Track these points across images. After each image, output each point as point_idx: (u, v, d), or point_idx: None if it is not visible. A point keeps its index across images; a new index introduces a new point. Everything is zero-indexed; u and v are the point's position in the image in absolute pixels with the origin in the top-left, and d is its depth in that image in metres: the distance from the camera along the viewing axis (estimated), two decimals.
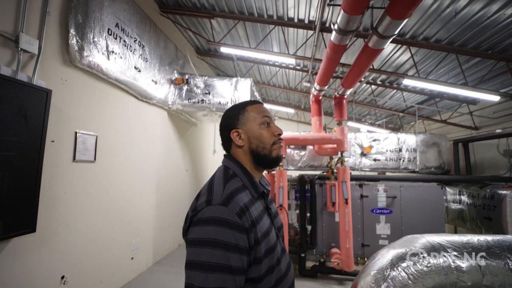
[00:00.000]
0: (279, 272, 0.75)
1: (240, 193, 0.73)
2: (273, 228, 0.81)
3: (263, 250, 0.71)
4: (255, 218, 0.72)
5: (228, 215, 0.66)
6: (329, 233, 3.73)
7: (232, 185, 0.74)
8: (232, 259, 0.63)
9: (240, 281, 0.65)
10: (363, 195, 3.79)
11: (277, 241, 0.80)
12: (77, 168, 2.40)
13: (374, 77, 5.28)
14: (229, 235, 0.64)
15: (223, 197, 0.69)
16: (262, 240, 0.71)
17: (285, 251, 0.84)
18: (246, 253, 0.67)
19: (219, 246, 0.63)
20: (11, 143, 1.75)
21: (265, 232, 0.74)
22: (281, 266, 0.77)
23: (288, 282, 0.79)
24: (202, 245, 0.63)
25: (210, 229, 0.64)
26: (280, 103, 8.64)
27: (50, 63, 2.16)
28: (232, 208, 0.67)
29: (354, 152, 4.38)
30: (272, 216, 0.84)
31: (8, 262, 1.79)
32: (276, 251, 0.76)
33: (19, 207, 1.77)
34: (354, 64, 2.57)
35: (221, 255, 0.62)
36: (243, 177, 0.79)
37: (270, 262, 0.72)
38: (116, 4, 2.85)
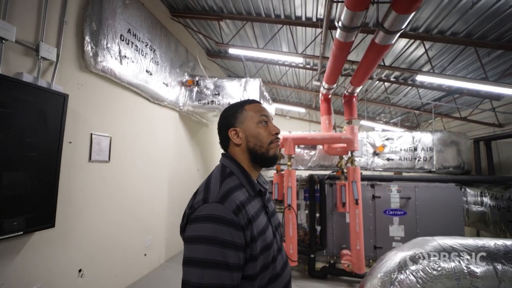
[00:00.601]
0: (273, 270, 0.76)
1: (236, 191, 0.75)
2: (270, 226, 0.82)
3: (259, 247, 0.72)
4: (252, 216, 0.73)
5: (224, 213, 0.67)
6: (340, 234, 3.66)
7: (229, 183, 0.76)
8: (229, 256, 0.64)
9: (237, 277, 0.66)
10: (375, 196, 3.69)
11: (274, 239, 0.81)
12: (92, 167, 2.54)
13: (386, 74, 5.11)
14: (226, 232, 0.65)
15: (219, 195, 0.71)
16: (258, 238, 0.72)
17: (281, 250, 0.85)
18: (243, 250, 0.68)
19: (216, 243, 0.64)
20: (32, 144, 1.88)
21: (261, 229, 0.75)
22: (276, 264, 0.78)
23: (283, 281, 0.79)
24: (199, 242, 0.65)
25: (206, 227, 0.66)
26: (291, 102, 8.58)
27: (67, 69, 2.30)
28: (228, 206, 0.69)
29: (366, 152, 4.27)
30: (269, 215, 0.85)
31: (32, 254, 1.94)
32: (272, 249, 0.77)
33: (39, 203, 1.91)
34: (362, 62, 2.51)
35: (217, 252, 0.64)
36: (240, 175, 0.80)
37: (265, 260, 0.73)
38: (128, 11, 2.98)
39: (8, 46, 1.82)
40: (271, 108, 5.82)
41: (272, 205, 0.94)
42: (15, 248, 1.84)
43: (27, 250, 1.90)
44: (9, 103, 1.76)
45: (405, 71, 4.33)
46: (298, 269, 3.56)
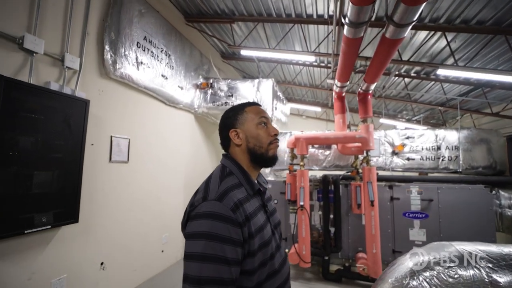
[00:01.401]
0: (271, 267, 0.77)
1: (235, 189, 0.77)
2: (269, 224, 0.84)
3: (257, 244, 0.74)
4: (249, 214, 0.75)
5: (223, 210, 0.70)
6: (356, 236, 3.54)
7: (228, 182, 0.79)
8: (227, 251, 0.67)
9: (235, 272, 0.68)
10: (394, 197, 3.52)
11: (272, 237, 0.82)
12: (112, 168, 2.72)
13: (406, 69, 4.84)
14: (223, 228, 0.68)
15: (218, 193, 0.74)
16: (256, 235, 0.74)
17: (280, 248, 0.86)
18: (241, 246, 0.70)
19: (214, 239, 0.67)
20: (58, 146, 2.06)
21: (259, 227, 0.77)
22: (274, 261, 0.79)
23: (281, 278, 0.81)
24: (198, 238, 0.68)
25: (205, 223, 0.69)
26: (307, 102, 8.46)
27: (89, 77, 2.49)
28: (226, 203, 0.71)
29: (385, 151, 4.09)
30: (268, 213, 0.87)
31: (59, 247, 2.12)
32: (270, 246, 0.79)
33: (65, 200, 2.08)
34: (374, 58, 2.41)
35: (215, 247, 0.66)
36: (239, 175, 0.83)
37: (263, 256, 0.75)
38: (144, 19, 3.14)
39: (38, 58, 2.01)
40: (285, 108, 5.79)
41: (272, 205, 0.96)
42: (44, 240, 2.02)
43: (54, 243, 2.09)
44: (39, 110, 1.94)
45: (425, 65, 4.07)
46: (312, 271, 3.51)
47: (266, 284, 0.76)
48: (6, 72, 1.80)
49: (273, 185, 4.08)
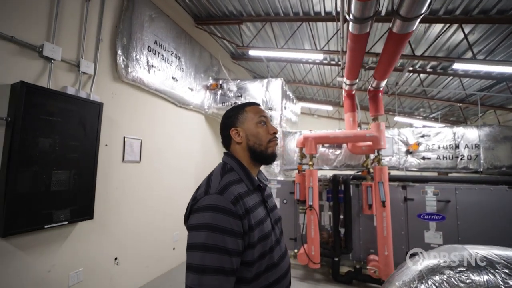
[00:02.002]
0: (270, 259, 0.80)
1: (235, 184, 0.81)
2: (269, 219, 0.87)
3: (257, 236, 0.77)
4: (249, 207, 0.78)
5: (223, 203, 0.73)
6: (367, 237, 3.45)
7: (228, 178, 0.82)
8: (228, 242, 0.70)
9: (236, 262, 0.71)
10: (408, 198, 3.38)
11: (272, 231, 0.85)
12: (125, 167, 2.83)
13: (421, 64, 4.63)
14: (224, 220, 0.71)
15: (219, 188, 0.77)
16: (256, 227, 0.77)
17: (280, 242, 0.89)
18: (241, 237, 0.73)
19: (216, 230, 0.70)
20: (75, 147, 2.19)
21: (259, 220, 0.80)
22: (274, 254, 0.82)
23: (281, 271, 0.83)
24: (200, 229, 0.71)
25: (207, 215, 0.72)
26: (318, 101, 8.34)
27: (103, 80, 2.61)
28: (227, 197, 0.75)
29: (398, 150, 3.94)
30: (268, 209, 0.90)
31: (75, 242, 2.25)
32: (270, 240, 0.81)
33: (81, 198, 2.21)
34: (383, 54, 2.34)
35: (217, 238, 0.69)
36: (239, 171, 0.87)
37: (263, 248, 0.78)
38: (154, 24, 3.25)
39: (56, 64, 2.15)
40: (296, 108, 5.75)
41: (272, 201, 0.99)
42: (62, 235, 2.15)
43: (72, 238, 2.22)
44: (57, 113, 2.07)
45: (439, 60, 3.87)
46: (321, 272, 3.46)
47: (265, 276, 0.78)
48: (28, 78, 1.94)
49: (282, 185, 4.06)
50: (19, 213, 1.80)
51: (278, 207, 4.14)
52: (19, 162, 1.80)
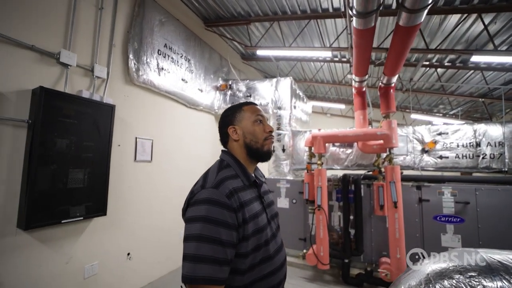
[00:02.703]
0: (265, 252, 0.83)
1: (230, 179, 0.84)
2: (265, 214, 0.90)
3: (251, 229, 0.80)
4: (244, 201, 0.82)
5: (218, 196, 0.77)
6: (380, 239, 3.33)
7: (225, 173, 0.86)
8: (222, 233, 0.73)
9: (230, 253, 0.74)
10: (422, 199, 3.23)
11: (268, 226, 0.89)
12: (137, 166, 2.96)
13: (438, 58, 4.39)
14: (219, 212, 0.74)
15: (215, 182, 0.81)
16: (250, 221, 0.80)
17: (276, 237, 0.92)
18: (235, 230, 0.76)
19: (210, 222, 0.73)
20: (89, 147, 2.32)
21: (253, 214, 0.83)
22: (269, 247, 0.85)
23: (275, 264, 0.86)
24: (195, 221, 0.75)
25: (202, 208, 0.75)
26: (331, 99, 8.17)
27: (115, 84, 2.75)
28: (222, 191, 0.78)
29: (413, 149, 3.77)
30: (265, 205, 0.93)
31: (91, 236, 2.39)
32: (265, 233, 0.84)
33: (95, 195, 2.33)
34: (391, 48, 2.24)
35: (211, 229, 0.73)
36: (236, 167, 0.91)
37: (258, 241, 0.81)
38: (164, 28, 3.36)
39: (72, 70, 2.29)
40: (306, 107, 5.68)
41: (270, 197, 1.02)
42: (79, 230, 2.30)
43: (87, 233, 2.36)
44: (73, 115, 2.21)
45: (455, 53, 3.63)
46: (331, 273, 3.39)
47: (259, 268, 0.81)
48: (46, 83, 2.08)
49: (291, 184, 4.04)
50: (39, 208, 1.94)
51: (287, 207, 4.10)
52: (38, 161, 1.95)
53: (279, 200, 4.09)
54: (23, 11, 1.98)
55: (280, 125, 4.38)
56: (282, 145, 4.32)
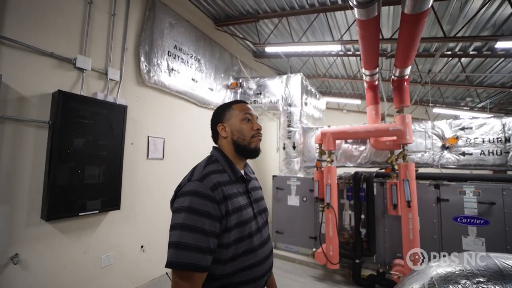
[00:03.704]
0: (249, 244, 0.86)
1: (216, 174, 0.88)
2: (251, 208, 0.93)
3: (234, 222, 0.83)
4: (228, 194, 0.85)
5: (202, 188, 0.81)
6: (394, 240, 3.19)
7: (211, 168, 0.90)
8: (206, 223, 0.77)
9: (213, 243, 0.78)
10: (441, 199, 3.03)
11: (254, 219, 0.92)
12: (150, 164, 3.10)
13: (462, 47, 4.04)
14: (202, 203, 0.79)
15: (200, 175, 0.86)
16: (233, 213, 0.84)
17: (261, 231, 0.95)
18: (218, 221, 0.80)
19: (194, 212, 0.78)
20: (104, 145, 2.48)
21: (237, 207, 0.86)
22: (253, 240, 0.88)
23: (259, 257, 0.89)
24: (181, 211, 0.79)
25: (187, 199, 0.80)
26: (347, 95, 7.90)
27: (128, 85, 2.90)
28: (206, 183, 0.83)
29: (432, 145, 3.54)
30: (252, 200, 0.96)
31: (106, 229, 2.56)
32: (248, 226, 0.88)
33: (109, 191, 2.49)
34: (399, 39, 2.11)
35: (195, 219, 0.77)
36: (223, 162, 0.94)
37: (240, 234, 0.85)
38: (174, 30, 3.47)
39: (87, 73, 2.46)
40: (319, 103, 5.56)
41: (259, 193, 1.06)
42: (95, 223, 2.47)
43: (103, 225, 2.53)
44: (89, 116, 2.37)
45: (478, 39, 3.30)
46: (342, 273, 3.31)
47: (242, 259, 0.84)
48: (64, 87, 2.26)
49: (302, 182, 3.99)
50: (59, 202, 2.12)
51: (298, 205, 4.07)
52: (58, 159, 2.12)
53: (289, 198, 4.06)
54: (43, 22, 2.16)
55: (290, 122, 4.34)
56: (292, 142, 4.28)
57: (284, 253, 3.89)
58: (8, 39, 1.94)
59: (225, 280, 0.82)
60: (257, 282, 0.88)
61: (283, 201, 4.10)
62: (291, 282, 3.09)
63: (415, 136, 3.54)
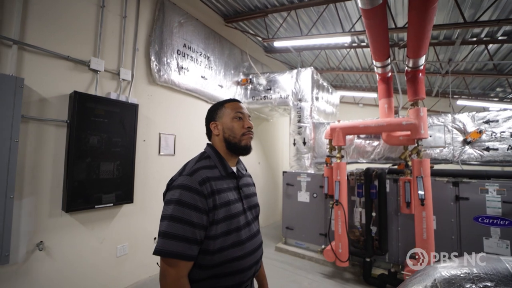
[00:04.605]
0: (237, 237, 0.90)
1: (206, 169, 0.93)
2: (241, 203, 0.97)
3: (221, 215, 0.88)
4: (217, 189, 0.90)
5: (191, 183, 0.86)
6: (407, 239, 3.06)
7: (202, 163, 0.95)
8: (193, 215, 0.82)
9: (200, 234, 0.83)
10: (460, 197, 2.85)
11: (243, 214, 0.96)
12: (161, 159, 3.23)
13: (489, 32, 3.69)
14: (190, 197, 0.84)
15: (190, 170, 0.90)
16: (221, 207, 0.88)
17: (250, 225, 0.99)
18: (206, 213, 0.85)
19: (182, 205, 0.83)
20: (117, 142, 2.62)
21: (226, 202, 0.91)
22: (241, 233, 0.92)
23: (246, 249, 0.92)
24: (170, 203, 0.85)
25: (177, 192, 0.85)
26: (364, 88, 7.59)
27: (139, 85, 3.02)
28: (196, 178, 0.87)
29: (452, 140, 3.32)
30: (242, 195, 1.00)
31: (121, 221, 2.72)
32: (236, 220, 0.92)
33: (123, 185, 2.64)
34: (409, 27, 1.97)
35: (183, 211, 0.82)
36: (215, 158, 0.99)
37: (228, 227, 0.89)
38: (183, 29, 3.54)
39: (101, 74, 2.60)
40: (332, 97, 5.41)
41: (251, 190, 1.09)
42: (110, 215, 2.63)
43: (118, 218, 2.69)
44: (103, 114, 2.52)
45: (502, 23, 2.98)
46: (353, 271, 3.25)
47: (230, 251, 0.88)
48: (80, 88, 2.41)
49: (312, 178, 3.94)
50: (77, 195, 2.29)
51: (308, 201, 4.02)
52: (75, 155, 2.28)
53: (299, 194, 4.04)
54: (60, 28, 2.31)
55: (301, 117, 4.27)
56: (303, 138, 4.22)
57: (294, 249, 3.89)
58: (30, 46, 2.10)
59: (214, 270, 0.86)
60: (245, 273, 0.92)
61: (293, 197, 4.08)
62: (300, 278, 3.10)
63: (433, 130, 3.34)
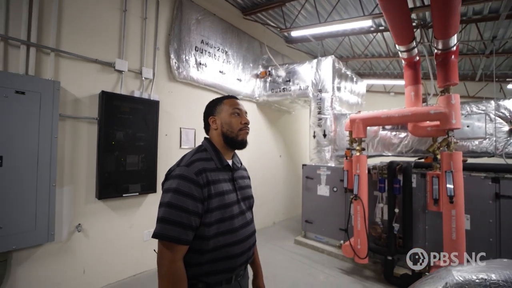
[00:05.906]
0: (230, 225, 0.98)
1: (202, 161, 1.00)
2: (235, 194, 1.04)
3: (216, 204, 0.95)
4: (212, 180, 0.97)
5: (188, 173, 0.93)
6: (436, 239, 2.82)
7: (199, 156, 1.02)
8: (189, 203, 0.90)
9: (195, 222, 0.91)
10: (501, 195, 2.52)
11: (237, 204, 1.03)
12: (182, 152, 3.32)
13: None
14: (187, 186, 0.91)
15: (188, 162, 0.98)
16: (215, 197, 0.96)
17: (244, 214, 1.06)
18: (201, 202, 0.92)
19: (179, 193, 0.90)
20: (141, 137, 2.83)
21: (220, 192, 0.98)
22: (234, 222, 0.99)
23: (239, 237, 1.00)
24: (168, 192, 0.92)
25: (174, 182, 0.92)
26: (395, 75, 6.99)
27: (160, 82, 3.20)
28: (192, 169, 0.94)
29: (495, 130, 2.93)
30: (237, 187, 1.07)
31: (147, 209, 2.96)
32: (230, 210, 0.99)
33: (147, 176, 2.86)
34: (432, 3, 1.74)
35: (180, 199, 0.89)
36: (211, 151, 1.05)
37: (222, 215, 0.96)
38: (201, 25, 3.62)
39: (125, 74, 2.81)
40: (358, 87, 5.10)
41: (245, 182, 1.16)
42: (137, 203, 2.89)
43: (144, 206, 2.94)
44: (128, 112, 2.74)
45: None
46: (374, 269, 3.12)
47: (224, 237, 0.95)
48: (107, 87, 2.65)
49: (332, 171, 3.83)
50: (107, 185, 2.55)
51: (328, 195, 3.92)
52: (105, 149, 2.54)
53: (319, 188, 3.95)
54: (88, 33, 2.54)
55: (321, 109, 4.13)
56: (323, 130, 4.09)
57: (313, 243, 3.86)
58: (65, 52, 2.36)
59: (210, 254, 0.93)
60: (238, 259, 0.99)
61: (312, 190, 4.01)
62: (316, 272, 3.08)
63: (472, 119, 2.99)
